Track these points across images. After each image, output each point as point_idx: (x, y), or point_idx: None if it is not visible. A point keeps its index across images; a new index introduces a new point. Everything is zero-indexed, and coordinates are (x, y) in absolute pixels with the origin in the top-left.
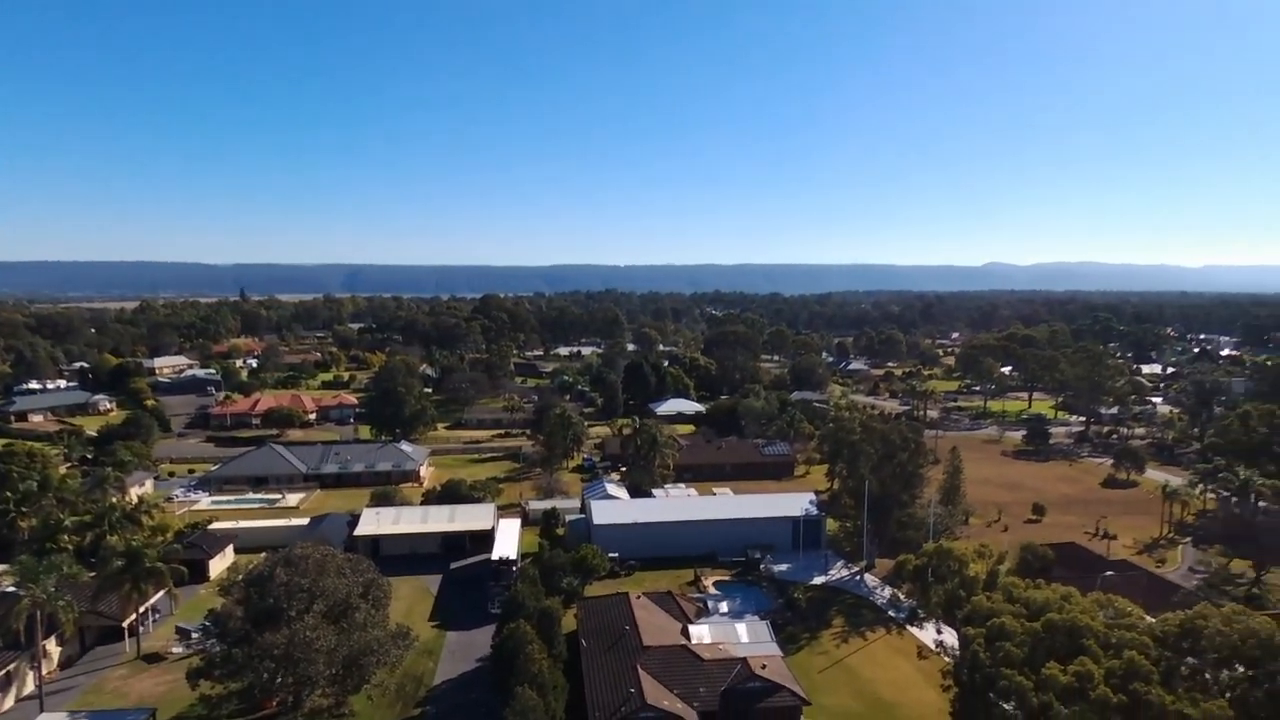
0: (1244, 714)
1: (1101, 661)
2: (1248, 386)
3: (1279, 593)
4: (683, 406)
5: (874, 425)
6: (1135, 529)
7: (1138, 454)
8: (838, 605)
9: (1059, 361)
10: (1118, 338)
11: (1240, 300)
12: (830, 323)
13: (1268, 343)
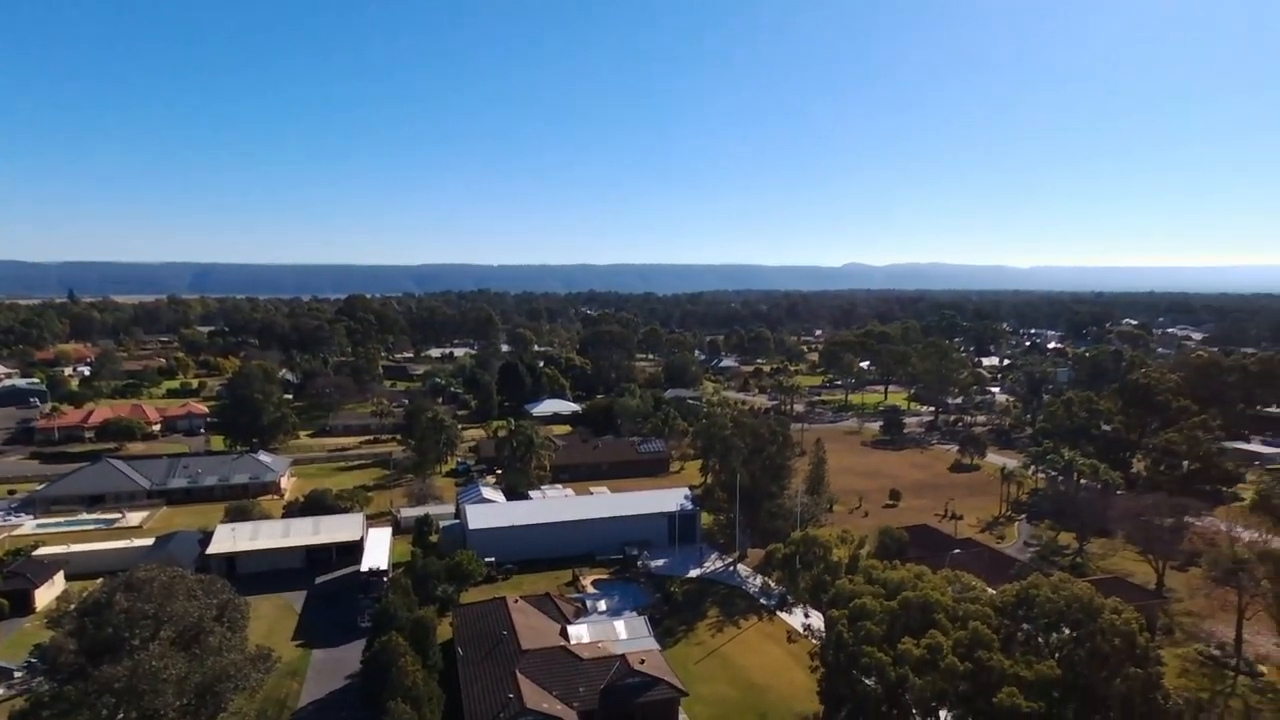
0: (1070, 671)
1: (950, 633)
2: (1070, 376)
3: (1098, 560)
4: (559, 407)
5: (744, 420)
6: (979, 509)
7: (980, 440)
8: (713, 596)
9: (911, 356)
10: (962, 333)
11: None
12: (702, 321)
13: (1086, 336)
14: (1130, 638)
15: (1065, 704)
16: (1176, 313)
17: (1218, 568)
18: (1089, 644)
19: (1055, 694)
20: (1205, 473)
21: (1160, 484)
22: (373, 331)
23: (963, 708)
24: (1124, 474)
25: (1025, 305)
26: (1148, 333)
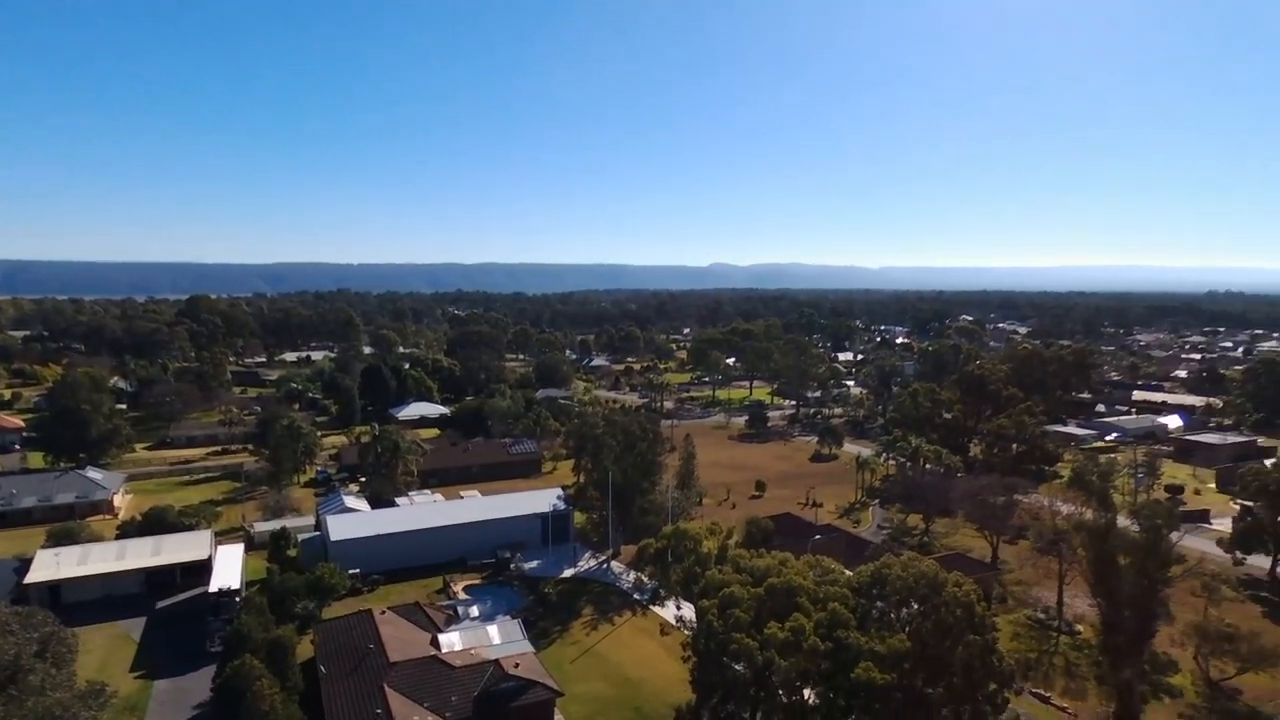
0: (918, 643)
1: (812, 615)
2: (916, 369)
3: (942, 538)
4: (426, 409)
5: (616, 418)
6: (837, 496)
7: (837, 431)
8: (587, 595)
9: (773, 352)
10: (819, 330)
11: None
12: (573, 321)
13: (929, 331)
14: (970, 608)
15: (915, 674)
16: (1006, 309)
17: (1041, 539)
18: (935, 616)
19: (906, 665)
20: (1031, 454)
21: (994, 466)
22: (219, 334)
23: (824, 685)
24: (963, 458)
25: (876, 303)
26: (981, 328)
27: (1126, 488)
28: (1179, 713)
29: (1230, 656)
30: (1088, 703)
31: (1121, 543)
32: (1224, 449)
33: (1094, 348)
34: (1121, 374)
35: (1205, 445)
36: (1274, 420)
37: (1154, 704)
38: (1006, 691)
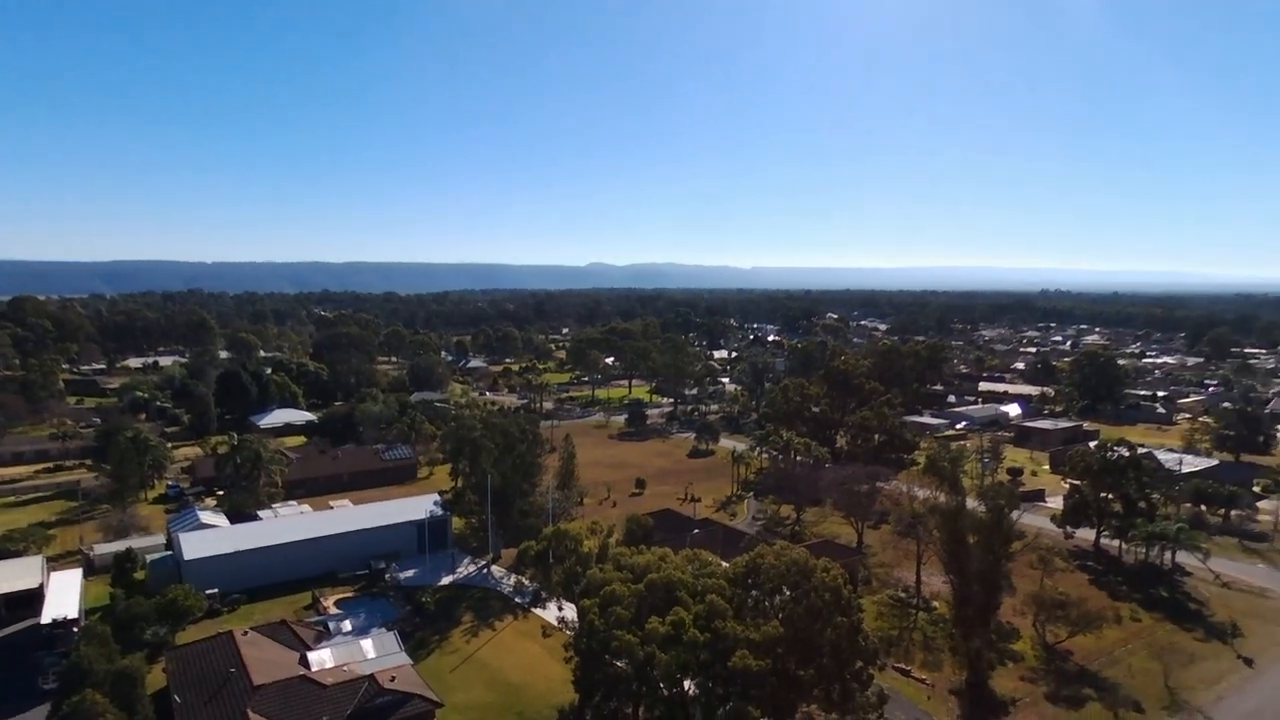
0: (791, 627)
1: (691, 608)
2: (786, 365)
3: (812, 526)
4: (291, 417)
5: (494, 421)
6: (714, 490)
7: (713, 427)
8: (467, 601)
9: (651, 351)
10: (695, 328)
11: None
12: (448, 321)
13: (798, 329)
14: (838, 592)
15: (788, 657)
16: (867, 308)
17: (901, 523)
18: (805, 601)
19: (779, 650)
20: (891, 443)
21: (858, 455)
22: (49, 340)
23: (703, 675)
24: (830, 449)
25: (749, 302)
26: (846, 325)
27: (974, 471)
28: (1020, 675)
29: (1063, 622)
30: (943, 673)
31: (970, 522)
32: (1055, 434)
33: (945, 343)
34: (969, 367)
35: (1040, 431)
36: (1097, 407)
37: (1000, 669)
38: (871, 668)
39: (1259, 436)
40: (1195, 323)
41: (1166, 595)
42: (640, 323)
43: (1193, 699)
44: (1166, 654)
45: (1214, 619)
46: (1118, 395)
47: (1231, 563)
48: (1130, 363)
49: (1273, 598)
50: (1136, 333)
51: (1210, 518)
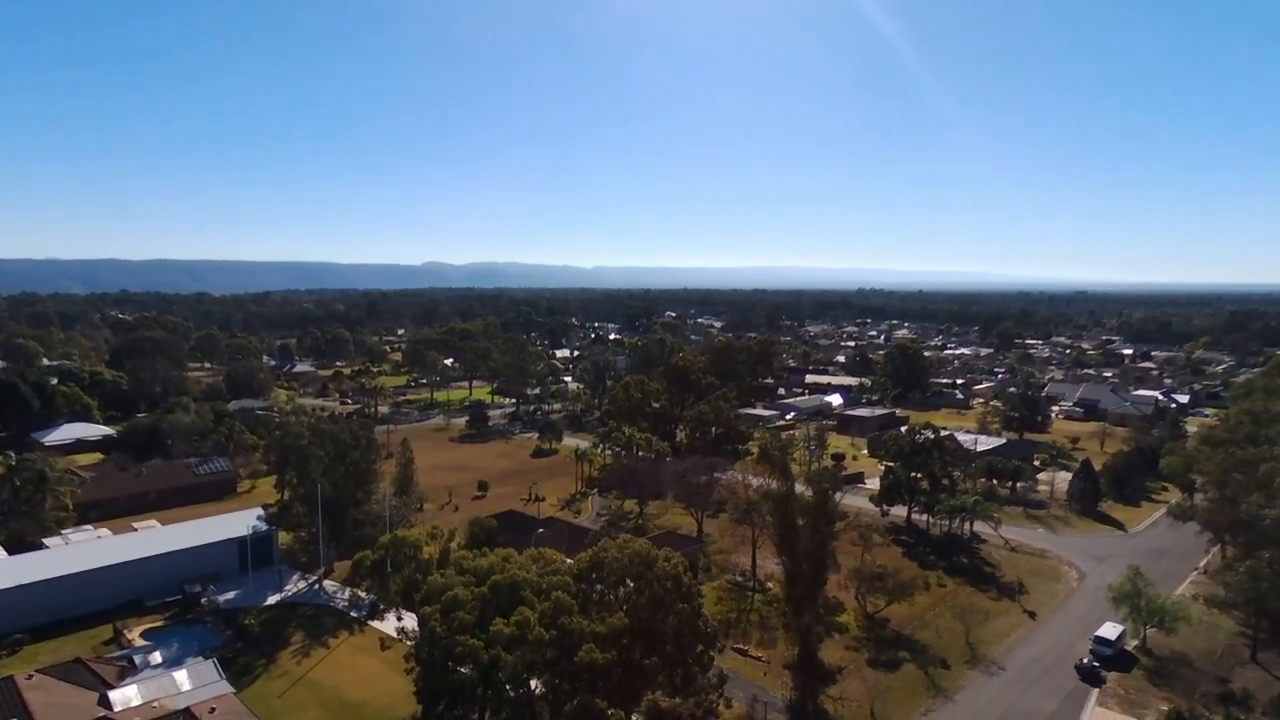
0: (635, 618)
1: (536, 607)
2: (628, 362)
3: (655, 519)
4: (84, 431)
5: (324, 427)
6: (559, 489)
7: (557, 426)
8: (297, 620)
9: (492, 351)
10: (537, 328)
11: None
12: (271, 323)
13: (638, 327)
14: (679, 580)
15: (633, 648)
16: (704, 306)
17: (737, 510)
18: (649, 591)
19: (624, 641)
20: (727, 435)
21: (696, 448)
22: None
23: (550, 673)
24: (671, 443)
25: (590, 301)
26: (684, 323)
27: (802, 459)
28: (846, 645)
29: (881, 592)
30: (778, 649)
31: (799, 506)
32: (872, 420)
33: (775, 339)
34: (797, 361)
35: (859, 418)
36: (907, 395)
37: (828, 641)
38: (711, 651)
39: (1037, 417)
40: (986, 318)
41: (966, 561)
42: (480, 322)
43: (988, 652)
44: (967, 614)
45: (1005, 579)
46: (924, 384)
47: (1018, 529)
48: (934, 354)
49: (1051, 557)
50: (939, 327)
51: (1000, 490)
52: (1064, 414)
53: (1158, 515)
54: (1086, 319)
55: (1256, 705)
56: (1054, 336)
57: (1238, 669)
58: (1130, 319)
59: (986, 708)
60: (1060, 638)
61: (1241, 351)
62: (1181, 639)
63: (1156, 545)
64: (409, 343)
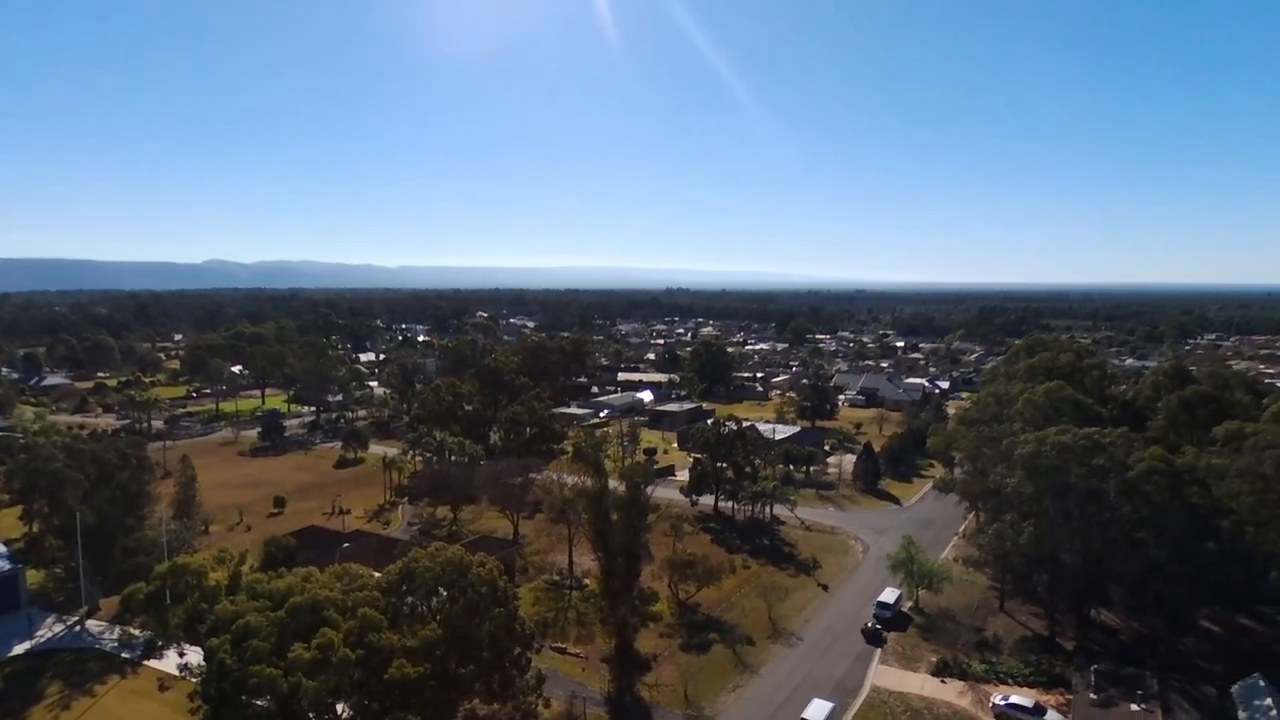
0: (449, 627)
1: (341, 626)
2: (438, 365)
3: (469, 524)
4: None
5: (82, 447)
6: (366, 500)
7: (362, 433)
8: (53, 670)
9: (287, 356)
10: (338, 330)
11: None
12: (11, 330)
13: (449, 328)
14: (493, 584)
15: (448, 658)
16: (516, 306)
17: (553, 510)
18: (462, 599)
19: (439, 652)
20: (542, 435)
21: (511, 449)
22: None
23: (358, 694)
24: (485, 446)
25: (396, 302)
26: (496, 323)
27: (616, 455)
28: (660, 633)
29: (691, 579)
30: (596, 644)
31: (613, 501)
32: (681, 415)
33: (588, 338)
34: (609, 359)
35: (669, 413)
36: (714, 389)
37: (644, 631)
38: (529, 652)
39: (827, 405)
40: (781, 315)
41: (768, 543)
42: (274, 325)
43: (788, 625)
44: (769, 592)
45: (801, 557)
46: (728, 378)
47: (812, 510)
48: (736, 350)
49: (840, 533)
50: (740, 324)
51: (796, 474)
52: (849, 402)
53: (926, 489)
54: (866, 315)
55: (1004, 648)
56: (839, 332)
57: (990, 618)
58: (901, 315)
59: (787, 677)
60: (849, 606)
61: (989, 342)
62: (946, 597)
63: (925, 516)
64: (189, 349)
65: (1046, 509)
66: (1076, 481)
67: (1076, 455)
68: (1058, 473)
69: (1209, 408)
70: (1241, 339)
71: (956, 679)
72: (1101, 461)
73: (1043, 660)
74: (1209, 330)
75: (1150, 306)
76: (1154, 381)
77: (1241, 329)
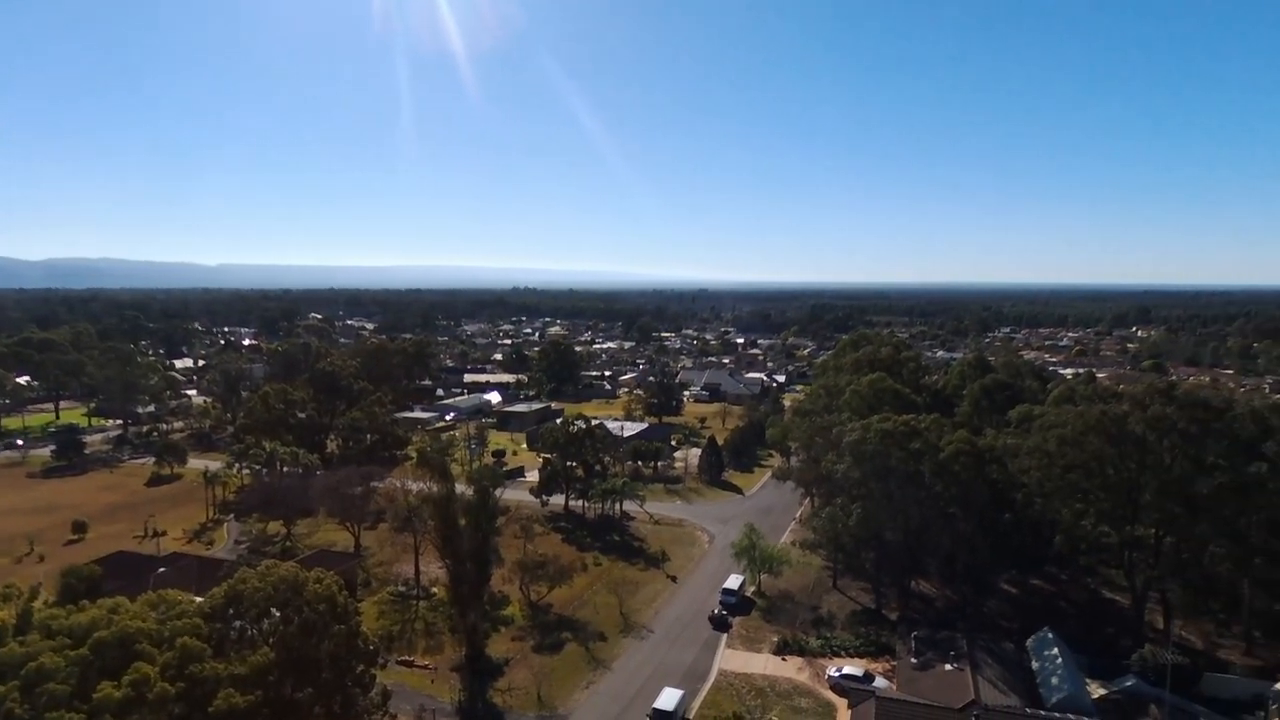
0: (284, 651)
1: (158, 659)
2: (267, 370)
3: (305, 539)
4: None
5: None
6: (185, 519)
7: (179, 447)
8: None
9: (86, 365)
10: (149, 335)
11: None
12: None
13: (278, 331)
14: (332, 600)
15: (283, 682)
16: (353, 307)
17: (397, 519)
18: (298, 619)
19: (272, 677)
20: (384, 441)
21: (350, 458)
22: None
23: None
24: (321, 455)
25: (217, 303)
26: (331, 325)
27: (463, 458)
28: (512, 636)
29: (543, 579)
30: (445, 654)
31: (460, 506)
32: (530, 415)
33: (431, 339)
34: (455, 360)
35: (518, 414)
36: (562, 388)
37: (495, 636)
38: (373, 669)
39: (673, 401)
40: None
41: (618, 539)
42: (69, 330)
43: (639, 618)
44: (620, 587)
45: (651, 551)
46: (576, 377)
47: (660, 504)
48: (584, 349)
49: (687, 525)
50: (588, 323)
51: (645, 470)
52: (694, 397)
53: (766, 478)
54: (709, 314)
55: (838, 623)
56: (684, 329)
57: (825, 596)
58: (741, 313)
59: (639, 669)
60: (697, 595)
61: (821, 338)
62: (785, 579)
63: (766, 504)
64: None
65: (872, 491)
66: (897, 465)
67: (896, 440)
68: (880, 457)
69: (1005, 393)
70: (1030, 331)
71: (796, 656)
72: (917, 445)
73: (871, 631)
74: (1004, 324)
75: (957, 304)
76: (960, 371)
77: (1030, 323)
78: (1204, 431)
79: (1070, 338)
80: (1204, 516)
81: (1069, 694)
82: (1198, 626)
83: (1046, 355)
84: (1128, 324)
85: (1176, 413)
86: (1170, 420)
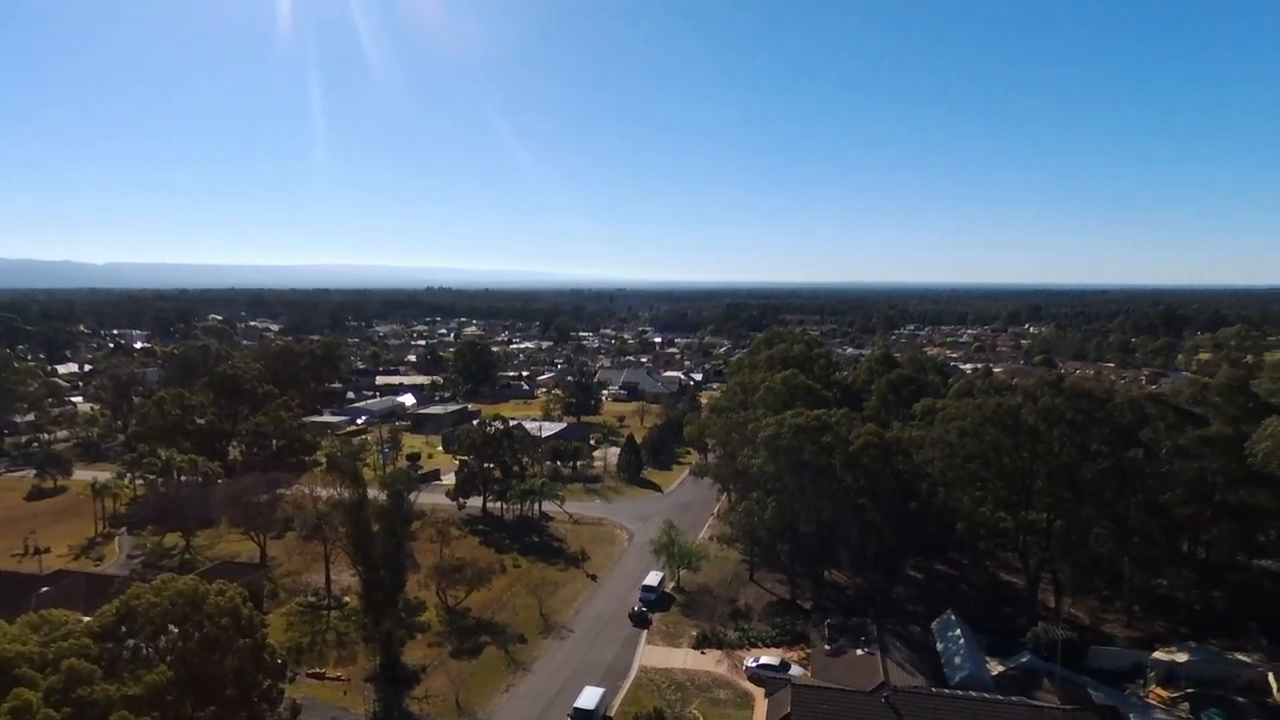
0: (183, 668)
1: (41, 684)
2: (161, 374)
3: (206, 551)
4: None
5: None
6: (71, 535)
7: (63, 458)
8: None
9: None
10: (27, 338)
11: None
12: None
13: (174, 333)
14: (236, 614)
15: (182, 701)
16: (256, 307)
17: (305, 526)
18: (198, 634)
19: (171, 696)
20: (291, 447)
21: (255, 464)
22: None
23: None
24: (222, 462)
25: (105, 304)
26: (233, 327)
27: (376, 462)
28: (429, 642)
29: (460, 583)
30: (358, 664)
31: (373, 511)
32: (446, 417)
33: (341, 340)
34: (366, 362)
35: (433, 416)
36: (479, 389)
37: (411, 643)
38: (281, 684)
39: (591, 401)
40: (545, 313)
41: (538, 539)
42: None
43: (559, 619)
44: (540, 588)
45: (570, 550)
46: (493, 377)
47: (579, 503)
48: (501, 349)
49: (607, 524)
50: (504, 323)
51: (564, 470)
52: (612, 396)
53: (684, 475)
54: (626, 313)
55: (755, 614)
56: (601, 329)
57: (742, 589)
58: (658, 312)
59: (560, 669)
60: (617, 593)
61: (736, 336)
62: (704, 574)
63: (684, 500)
64: None
65: (786, 485)
66: (809, 458)
67: (808, 435)
68: (794, 451)
69: (910, 388)
70: (933, 329)
71: (715, 649)
72: (828, 439)
73: (786, 621)
74: (909, 322)
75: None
76: (868, 367)
77: (933, 321)
78: (1088, 420)
79: (970, 334)
80: (1089, 500)
81: (970, 672)
82: (1085, 604)
83: (948, 351)
84: (1021, 321)
85: (1064, 403)
86: (1059, 411)
